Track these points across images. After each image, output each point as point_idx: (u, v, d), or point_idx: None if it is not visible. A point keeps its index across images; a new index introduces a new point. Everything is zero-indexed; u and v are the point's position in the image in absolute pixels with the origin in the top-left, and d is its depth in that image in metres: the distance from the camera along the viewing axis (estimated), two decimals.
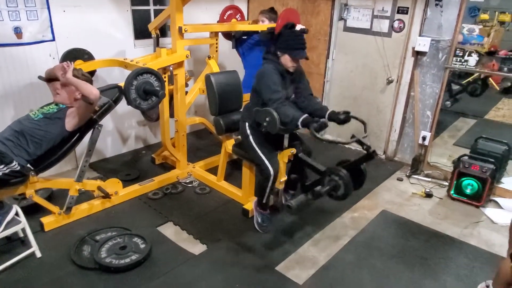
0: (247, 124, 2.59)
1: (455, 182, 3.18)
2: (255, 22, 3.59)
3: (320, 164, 2.50)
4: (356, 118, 2.48)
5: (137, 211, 2.92)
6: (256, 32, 3.45)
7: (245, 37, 3.51)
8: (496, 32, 5.78)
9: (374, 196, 3.27)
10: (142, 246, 2.45)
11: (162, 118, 3.33)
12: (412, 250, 2.60)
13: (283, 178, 2.64)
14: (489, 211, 3.06)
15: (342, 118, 2.39)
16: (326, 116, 2.44)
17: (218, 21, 3.66)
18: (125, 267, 2.27)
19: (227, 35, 3.56)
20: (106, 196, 2.87)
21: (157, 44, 3.44)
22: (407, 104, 3.69)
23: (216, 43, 3.41)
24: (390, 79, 3.71)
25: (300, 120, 2.23)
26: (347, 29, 3.93)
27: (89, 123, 2.60)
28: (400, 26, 3.53)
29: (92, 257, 2.34)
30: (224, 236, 2.65)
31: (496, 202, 3.18)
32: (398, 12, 3.52)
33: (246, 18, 4.00)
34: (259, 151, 2.53)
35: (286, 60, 2.40)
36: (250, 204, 2.88)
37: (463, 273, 2.40)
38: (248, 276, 2.29)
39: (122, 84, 2.54)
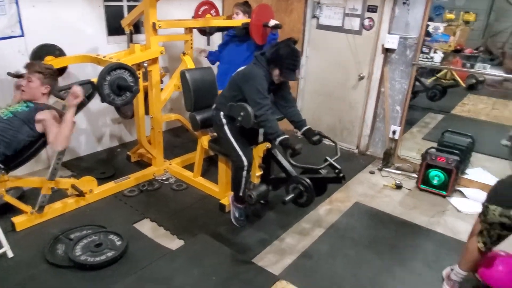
0: (222, 113, 2.59)
1: (423, 173, 3.33)
2: (230, 17, 3.61)
3: (290, 165, 2.57)
4: (328, 138, 2.68)
5: (112, 209, 2.90)
6: (231, 28, 3.48)
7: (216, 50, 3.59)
8: (461, 31, 6.05)
9: (348, 189, 3.38)
10: (118, 243, 2.44)
11: (137, 115, 3.30)
12: (383, 239, 2.71)
13: (258, 172, 2.70)
14: (455, 200, 3.23)
15: (315, 140, 2.56)
16: (301, 132, 2.62)
17: (193, 17, 3.66)
18: (101, 264, 2.26)
19: (203, 31, 3.57)
20: (80, 194, 2.83)
21: (130, 40, 3.41)
22: (378, 99, 3.81)
23: (191, 39, 3.41)
24: (361, 75, 3.83)
25: (279, 139, 2.35)
26: (320, 27, 4.02)
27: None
28: (370, 24, 3.65)
29: (66, 255, 2.31)
30: (201, 231, 2.67)
31: (461, 192, 3.35)
32: (368, 11, 3.63)
33: (221, 14, 4.01)
34: (233, 141, 2.55)
35: (275, 74, 2.43)
36: (227, 199, 2.91)
37: (430, 259, 2.52)
38: (225, 269, 2.32)
39: (95, 80, 2.51)
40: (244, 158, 2.51)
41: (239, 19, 3.45)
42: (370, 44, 3.69)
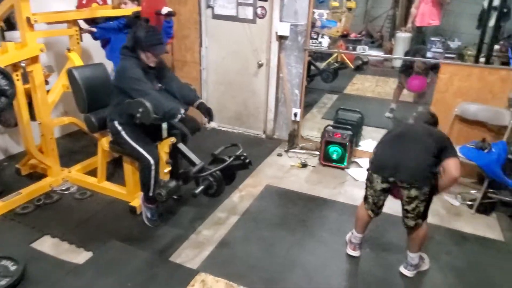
0: (116, 122, 2.53)
1: (323, 150, 3.62)
2: (117, 6, 3.38)
3: (197, 157, 2.56)
4: (229, 146, 2.70)
5: (3, 231, 2.57)
6: (121, 17, 3.27)
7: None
8: (346, 17, 6.64)
9: (258, 173, 3.50)
10: (13, 268, 2.18)
11: (21, 122, 2.94)
12: (293, 216, 2.89)
13: (167, 168, 2.64)
14: (352, 171, 3.58)
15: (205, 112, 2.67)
16: (195, 106, 2.67)
17: (76, 7, 3.34)
18: None
19: (92, 21, 3.28)
20: None
21: (2, 38, 2.99)
22: (278, 85, 4.00)
23: (77, 33, 3.12)
24: (260, 63, 3.96)
25: (184, 110, 2.37)
26: (215, 16, 4.02)
27: None
28: (263, 13, 3.77)
29: None
30: (112, 238, 2.52)
31: (356, 162, 3.73)
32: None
33: (109, 2, 3.72)
34: (134, 144, 2.48)
35: (147, 56, 2.43)
36: (137, 201, 2.80)
37: (334, 227, 2.78)
38: (141, 273, 2.24)
39: None
40: (149, 158, 2.45)
41: (129, 8, 3.26)
42: (264, 32, 3.82)
